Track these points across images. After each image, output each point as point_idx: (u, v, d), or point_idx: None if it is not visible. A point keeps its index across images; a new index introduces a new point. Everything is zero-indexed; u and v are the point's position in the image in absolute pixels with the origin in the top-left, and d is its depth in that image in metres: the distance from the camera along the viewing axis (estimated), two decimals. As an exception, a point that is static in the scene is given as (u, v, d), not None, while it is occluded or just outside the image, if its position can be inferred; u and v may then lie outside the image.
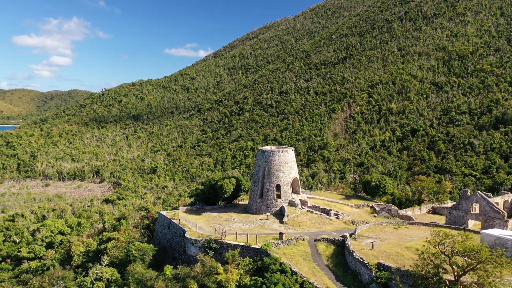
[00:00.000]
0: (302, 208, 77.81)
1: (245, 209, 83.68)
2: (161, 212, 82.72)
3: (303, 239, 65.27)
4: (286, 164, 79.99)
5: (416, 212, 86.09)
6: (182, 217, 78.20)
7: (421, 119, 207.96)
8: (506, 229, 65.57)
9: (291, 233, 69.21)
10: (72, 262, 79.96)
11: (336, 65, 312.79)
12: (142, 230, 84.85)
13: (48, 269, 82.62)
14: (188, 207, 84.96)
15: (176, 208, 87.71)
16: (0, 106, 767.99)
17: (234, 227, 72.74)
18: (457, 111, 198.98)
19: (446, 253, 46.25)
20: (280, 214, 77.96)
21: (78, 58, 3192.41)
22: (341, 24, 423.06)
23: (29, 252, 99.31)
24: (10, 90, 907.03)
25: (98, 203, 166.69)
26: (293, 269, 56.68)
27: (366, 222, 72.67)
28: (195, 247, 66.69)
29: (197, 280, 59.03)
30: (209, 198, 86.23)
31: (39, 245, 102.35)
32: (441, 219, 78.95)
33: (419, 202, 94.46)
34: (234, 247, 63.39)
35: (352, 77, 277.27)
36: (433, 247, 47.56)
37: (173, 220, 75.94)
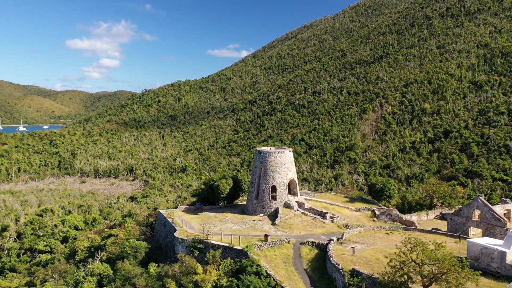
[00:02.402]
0: (297, 210, 76.28)
1: (243, 210, 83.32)
2: (160, 210, 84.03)
3: (288, 242, 64.01)
4: (283, 165, 78.76)
5: (422, 218, 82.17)
6: (178, 216, 79.04)
7: (456, 119, 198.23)
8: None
9: (280, 235, 68.09)
10: (76, 256, 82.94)
11: (371, 64, 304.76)
12: (144, 228, 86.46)
13: (54, 262, 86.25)
14: (187, 206, 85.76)
15: (177, 207, 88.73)
16: (52, 107, 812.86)
17: (225, 228, 72.63)
18: (495, 111, 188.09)
19: (417, 262, 43.88)
20: (274, 216, 76.91)
21: (126, 59, 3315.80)
22: (380, 22, 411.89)
23: (45, 246, 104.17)
24: (62, 91, 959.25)
25: (124, 200, 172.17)
26: (268, 272, 55.71)
27: (361, 226, 70.14)
28: (182, 246, 67.15)
29: (176, 279, 59.41)
30: (208, 198, 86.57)
31: (55, 239, 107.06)
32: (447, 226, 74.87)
33: (430, 207, 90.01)
34: (218, 247, 63.22)
35: (386, 77, 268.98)
36: (404, 254, 45.28)
37: (168, 219, 76.92)
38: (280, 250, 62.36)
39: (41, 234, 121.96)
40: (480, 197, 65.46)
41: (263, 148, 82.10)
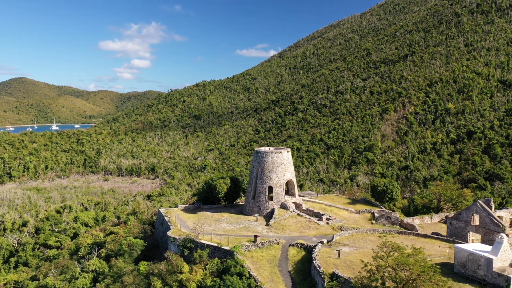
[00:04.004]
0: (293, 211, 75.22)
1: (241, 210, 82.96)
2: (160, 209, 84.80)
3: (277, 243, 63.19)
4: (280, 165, 77.88)
5: (425, 221, 79.41)
6: (175, 215, 79.56)
7: (481, 120, 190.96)
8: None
9: (271, 236, 67.33)
10: (79, 253, 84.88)
11: (396, 63, 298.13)
12: (146, 226, 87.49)
13: (59, 258, 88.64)
14: (187, 205, 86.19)
15: (177, 206, 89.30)
16: (84, 106, 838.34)
17: (219, 227, 72.48)
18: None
19: (393, 267, 42.37)
20: (270, 216, 76.10)
21: (156, 60, 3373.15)
22: (407, 20, 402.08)
23: (56, 242, 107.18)
24: (93, 91, 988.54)
25: (141, 199, 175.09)
26: (251, 273, 55.13)
27: (355, 228, 68.44)
28: (174, 245, 67.48)
29: (162, 278, 59.70)
30: (207, 198, 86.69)
31: (65, 235, 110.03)
32: (448, 230, 71.98)
33: (438, 210, 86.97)
34: (207, 247, 63.17)
35: (411, 76, 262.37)
36: (380, 259, 43.85)
37: (165, 218, 77.52)
38: (268, 251, 61.63)
39: (56, 230, 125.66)
40: (480, 201, 62.62)
41: (261, 148, 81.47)
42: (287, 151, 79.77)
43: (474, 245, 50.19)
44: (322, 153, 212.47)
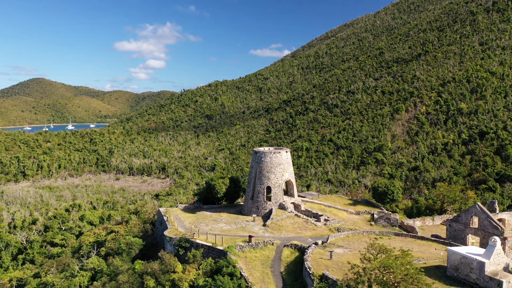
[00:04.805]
0: (291, 212, 74.72)
1: (240, 210, 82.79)
2: (160, 208, 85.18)
3: (272, 244, 62.82)
4: (278, 166, 77.44)
5: (427, 223, 78.06)
6: (174, 215, 79.83)
7: (494, 120, 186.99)
8: (504, 247, 56.97)
9: (267, 236, 67.01)
10: (80, 251, 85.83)
11: (409, 62, 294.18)
12: (147, 225, 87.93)
13: (61, 256, 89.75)
14: (187, 205, 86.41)
15: (177, 206, 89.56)
16: (99, 106, 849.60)
17: (216, 227, 72.46)
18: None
19: (380, 270, 41.67)
20: (268, 217, 75.74)
21: (171, 60, 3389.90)
22: (422, 19, 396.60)
23: (61, 240, 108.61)
24: (109, 91, 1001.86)
25: (149, 198, 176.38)
26: (242, 273, 54.93)
27: (351, 230, 67.60)
28: (170, 245, 67.68)
29: (156, 277, 59.87)
30: (207, 198, 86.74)
31: (71, 234, 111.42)
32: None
33: (441, 212, 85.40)
34: (201, 247, 63.16)
35: (423, 75, 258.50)
36: (368, 261, 43.23)
37: (164, 217, 77.83)
38: (262, 251, 61.32)
39: (63, 228, 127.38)
40: (479, 203, 61.23)
41: (260, 149, 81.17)
42: (286, 152, 79.28)
43: (467, 248, 49.04)
44: (331, 153, 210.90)
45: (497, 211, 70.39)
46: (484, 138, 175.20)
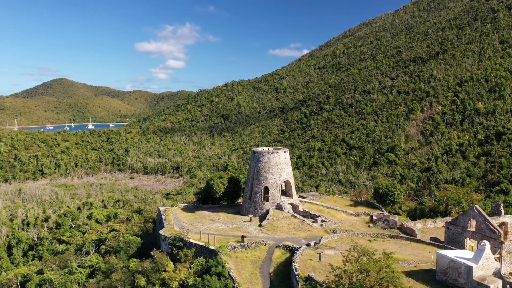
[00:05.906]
0: (288, 212, 74.08)
1: (239, 210, 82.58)
2: (160, 207, 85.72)
3: (265, 244, 62.42)
4: (276, 166, 76.89)
5: (428, 225, 76.30)
6: (173, 214, 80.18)
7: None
8: (501, 252, 55.15)
9: (261, 237, 66.61)
10: (83, 248, 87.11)
11: (426, 61, 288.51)
12: (149, 224, 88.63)
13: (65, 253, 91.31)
14: (187, 204, 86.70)
15: (177, 205, 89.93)
16: (119, 106, 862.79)
17: (212, 227, 72.46)
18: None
19: (361, 271, 40.87)
20: (265, 217, 75.26)
21: (190, 60, 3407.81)
22: (441, 17, 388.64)
23: (69, 237, 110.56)
24: (128, 91, 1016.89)
25: (160, 197, 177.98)
26: (230, 274, 54.75)
27: (351, 231, 66.50)
28: (165, 244, 68.01)
29: (147, 276, 60.23)
30: (207, 197, 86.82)
31: (78, 231, 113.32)
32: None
33: (445, 214, 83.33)
34: (194, 246, 63.24)
35: (440, 74, 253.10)
36: (349, 263, 42.44)
37: (162, 216, 78.27)
38: (253, 252, 60.97)
39: (73, 226, 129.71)
40: (476, 206, 59.42)
41: (258, 149, 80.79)
42: (284, 152, 78.68)
43: (457, 252, 47.62)
44: (343, 153, 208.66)
45: (502, 214, 68.22)
46: (501, 139, 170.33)
